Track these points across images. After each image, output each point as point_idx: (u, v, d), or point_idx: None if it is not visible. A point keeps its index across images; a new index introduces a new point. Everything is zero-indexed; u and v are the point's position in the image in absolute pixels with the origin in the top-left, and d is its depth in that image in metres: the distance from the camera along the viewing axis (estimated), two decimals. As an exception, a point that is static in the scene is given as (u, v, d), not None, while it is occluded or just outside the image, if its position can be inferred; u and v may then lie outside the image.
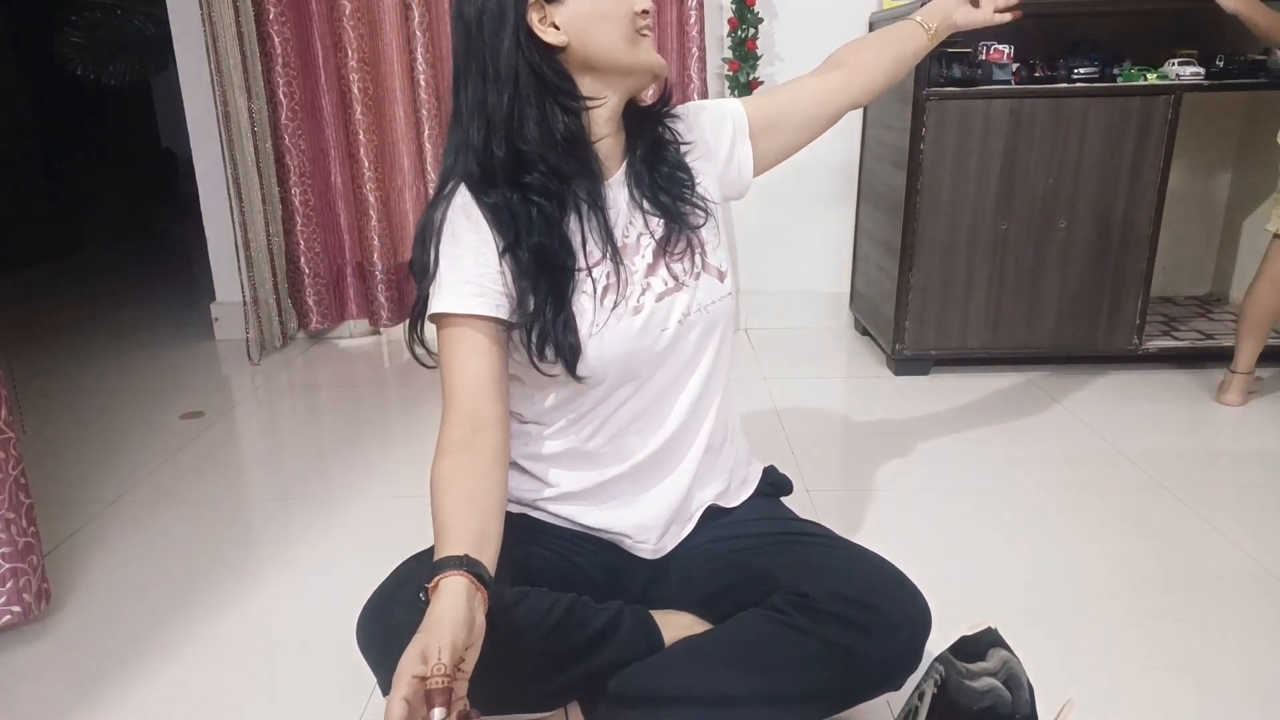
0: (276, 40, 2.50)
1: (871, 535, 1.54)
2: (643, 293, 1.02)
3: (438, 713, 0.68)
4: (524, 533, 1.04)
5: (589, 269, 1.00)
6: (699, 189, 1.08)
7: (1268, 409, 2.08)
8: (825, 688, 0.93)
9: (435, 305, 0.98)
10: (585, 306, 1.00)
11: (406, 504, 1.69)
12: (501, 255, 0.97)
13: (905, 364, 2.35)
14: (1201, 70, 2.12)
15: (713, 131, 1.12)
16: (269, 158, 2.59)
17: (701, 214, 1.07)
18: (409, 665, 0.74)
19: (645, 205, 1.05)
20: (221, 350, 2.78)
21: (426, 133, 2.58)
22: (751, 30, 2.50)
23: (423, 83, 2.54)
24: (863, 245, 2.65)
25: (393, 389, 2.43)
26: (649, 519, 1.10)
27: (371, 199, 2.65)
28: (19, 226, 4.17)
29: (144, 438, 2.07)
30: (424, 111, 2.57)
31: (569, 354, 0.98)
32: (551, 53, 0.97)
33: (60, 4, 4.04)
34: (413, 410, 2.22)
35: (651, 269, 1.04)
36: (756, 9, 2.49)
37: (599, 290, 1.00)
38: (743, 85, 2.54)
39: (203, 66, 2.55)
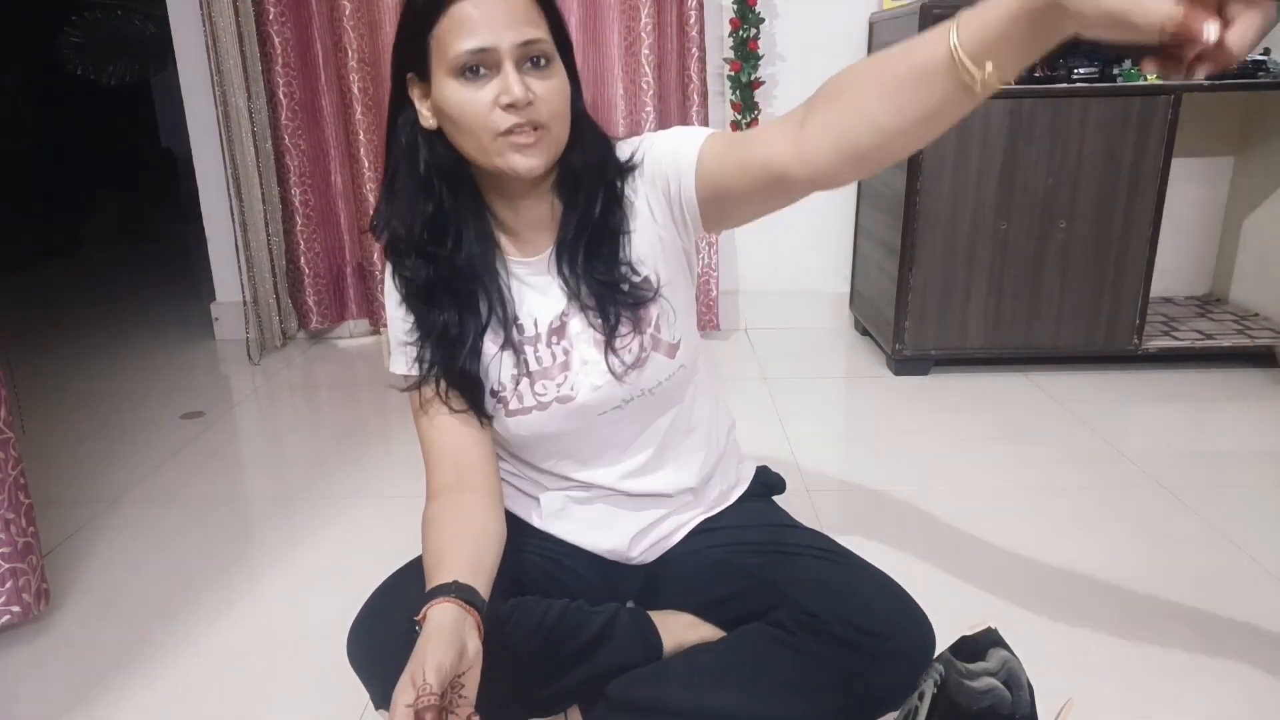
0: (276, 40, 2.50)
1: (871, 535, 1.54)
2: (577, 381, 0.98)
3: None
4: (516, 538, 1.04)
5: (514, 349, 0.99)
6: (639, 266, 0.96)
7: (1268, 409, 2.08)
8: (827, 710, 0.93)
9: (388, 363, 1.03)
10: (506, 386, 0.99)
11: (406, 504, 1.69)
12: (412, 328, 0.99)
13: (905, 364, 2.35)
14: (1201, 70, 2.11)
15: (666, 175, 0.93)
16: (269, 158, 2.59)
17: (647, 291, 0.97)
18: (400, 695, 0.72)
19: (581, 293, 0.96)
20: (221, 350, 2.77)
21: (426, 133, 2.58)
22: (753, 30, 2.50)
23: (423, 83, 2.54)
24: (863, 245, 2.65)
25: (392, 389, 2.42)
26: (621, 545, 1.09)
27: (371, 199, 2.65)
28: (19, 227, 4.17)
29: (144, 438, 2.07)
30: (424, 111, 2.57)
31: (482, 413, 1.00)
32: (431, 131, 0.91)
33: (60, 4, 4.04)
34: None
35: (588, 359, 0.98)
36: (758, 9, 2.49)
37: (522, 373, 0.99)
38: (744, 85, 2.54)
39: (203, 67, 2.55)
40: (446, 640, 0.76)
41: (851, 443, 1.96)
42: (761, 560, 1.06)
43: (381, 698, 0.96)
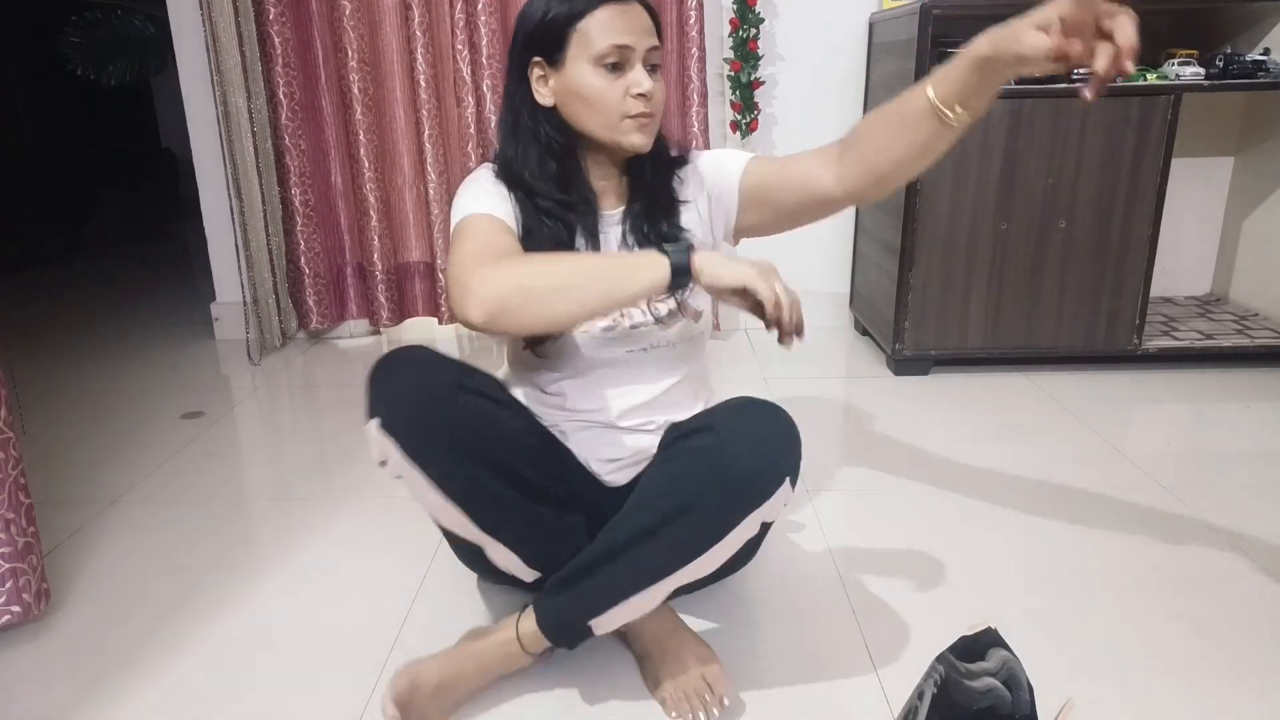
0: (276, 40, 2.50)
1: (872, 535, 1.54)
2: (620, 316, 1.14)
3: None
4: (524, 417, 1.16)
5: None
6: (685, 232, 1.16)
7: (1267, 409, 2.08)
8: (697, 496, 0.98)
9: (463, 212, 1.06)
10: None
11: (406, 504, 1.69)
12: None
13: (905, 364, 2.35)
14: (1201, 70, 2.12)
15: (712, 180, 1.17)
16: (269, 158, 2.59)
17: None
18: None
19: (634, 246, 1.14)
20: (221, 350, 2.78)
21: (426, 133, 2.58)
22: (753, 30, 2.50)
23: (423, 83, 2.54)
24: (863, 245, 2.65)
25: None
26: (612, 453, 1.19)
27: (371, 199, 2.65)
28: (19, 226, 4.17)
29: (144, 438, 2.07)
30: (424, 112, 2.57)
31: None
32: (546, 107, 1.08)
33: (60, 4, 4.04)
34: (413, 410, 2.22)
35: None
36: (758, 9, 2.49)
37: None
38: (744, 85, 2.54)
39: (203, 66, 2.55)
40: None
41: (851, 443, 1.96)
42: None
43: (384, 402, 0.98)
